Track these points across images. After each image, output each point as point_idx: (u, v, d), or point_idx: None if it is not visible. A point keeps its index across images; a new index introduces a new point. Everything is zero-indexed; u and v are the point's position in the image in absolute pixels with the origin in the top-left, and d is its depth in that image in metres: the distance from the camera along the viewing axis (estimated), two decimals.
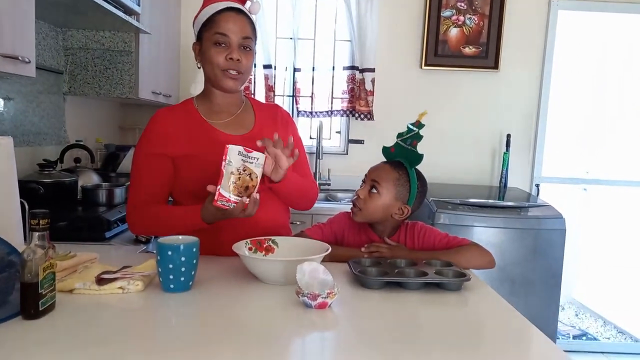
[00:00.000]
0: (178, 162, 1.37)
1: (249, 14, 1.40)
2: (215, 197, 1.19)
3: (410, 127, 1.41)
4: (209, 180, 1.30)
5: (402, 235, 1.45)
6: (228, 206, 1.20)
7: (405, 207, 1.39)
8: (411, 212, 1.42)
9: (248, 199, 1.21)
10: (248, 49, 1.37)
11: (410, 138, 1.40)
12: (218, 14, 1.35)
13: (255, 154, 1.22)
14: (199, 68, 1.42)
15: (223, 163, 1.19)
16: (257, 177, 1.23)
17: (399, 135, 1.43)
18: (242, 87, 1.46)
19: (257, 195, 1.23)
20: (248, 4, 1.42)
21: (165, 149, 1.37)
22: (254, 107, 1.51)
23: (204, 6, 1.39)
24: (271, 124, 1.49)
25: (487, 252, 1.39)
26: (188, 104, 1.45)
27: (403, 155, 1.42)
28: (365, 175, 1.44)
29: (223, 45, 1.34)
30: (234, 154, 1.19)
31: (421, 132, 1.40)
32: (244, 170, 1.21)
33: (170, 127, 1.39)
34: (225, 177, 1.19)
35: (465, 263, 1.33)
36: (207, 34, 1.36)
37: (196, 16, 1.41)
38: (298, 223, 2.46)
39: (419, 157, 1.39)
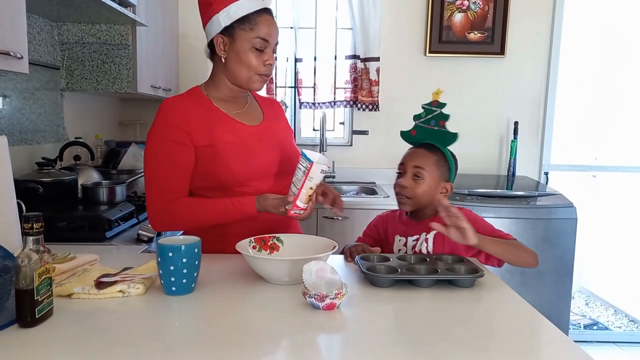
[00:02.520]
0: (201, 151, 1.33)
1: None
2: (290, 208, 1.25)
3: (427, 108, 1.40)
4: (234, 170, 1.33)
5: (441, 216, 1.41)
6: (299, 214, 1.27)
7: (448, 185, 1.41)
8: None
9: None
10: (276, 52, 1.41)
11: (434, 119, 1.39)
12: (257, 14, 1.33)
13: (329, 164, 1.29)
14: (223, 61, 1.37)
15: (304, 178, 1.23)
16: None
17: (417, 117, 1.42)
18: None
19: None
20: None
21: (189, 137, 1.32)
22: (257, 99, 1.53)
23: None
24: (277, 118, 1.53)
25: (533, 251, 1.37)
26: (197, 92, 1.41)
27: (431, 137, 1.40)
28: (401, 163, 1.42)
29: (261, 49, 1.34)
30: (317, 172, 1.23)
31: (447, 115, 1.39)
32: (320, 184, 1.27)
33: (189, 114, 1.34)
34: (304, 191, 1.24)
35: (518, 258, 1.32)
36: (244, 34, 1.32)
37: (221, 8, 1.32)
38: None
39: (454, 136, 1.38)
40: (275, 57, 1.43)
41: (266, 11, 1.35)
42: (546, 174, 3.16)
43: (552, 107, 3.12)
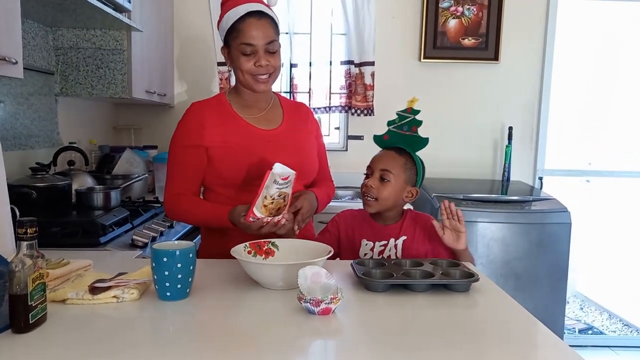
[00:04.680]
0: (212, 152, 1.43)
1: (268, 11, 1.43)
2: (248, 214, 1.27)
3: (401, 114, 1.43)
4: (240, 171, 1.42)
5: (407, 222, 1.45)
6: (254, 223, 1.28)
7: (413, 189, 1.43)
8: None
9: (280, 217, 1.30)
10: (274, 50, 1.43)
11: (407, 124, 1.42)
12: (241, 20, 1.39)
13: (289, 175, 1.27)
14: (228, 71, 1.52)
15: (261, 185, 1.25)
16: (288, 196, 1.30)
17: (390, 123, 1.45)
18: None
19: (284, 220, 1.31)
20: None
21: (201, 140, 1.43)
22: (281, 103, 1.59)
23: (225, 11, 1.43)
24: (301, 122, 1.57)
25: None
26: (221, 98, 1.53)
27: (402, 142, 1.43)
28: (369, 165, 1.45)
29: (250, 53, 1.40)
30: (271, 181, 1.25)
31: (419, 121, 1.42)
32: (279, 196, 1.28)
33: (206, 119, 1.45)
34: (260, 199, 1.25)
35: None
36: (233, 42, 1.42)
37: (219, 21, 1.45)
38: None
39: (424, 141, 1.41)
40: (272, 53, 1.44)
41: (251, 15, 1.39)
42: (540, 178, 3.17)
43: (546, 112, 3.14)
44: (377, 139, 1.48)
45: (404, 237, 1.43)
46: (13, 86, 2.01)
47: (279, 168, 1.25)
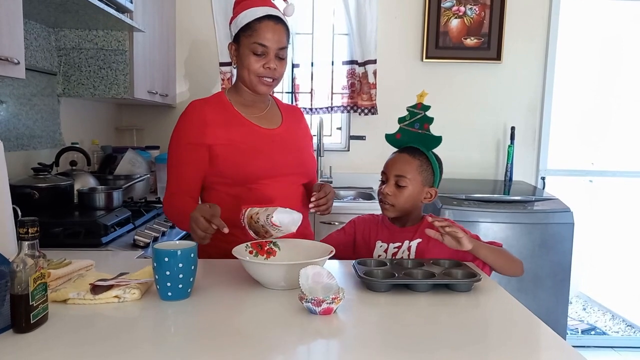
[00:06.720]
0: (215, 150, 1.42)
1: (284, 19, 1.46)
2: (242, 209, 1.28)
3: (412, 110, 1.38)
4: (245, 169, 1.42)
5: (424, 226, 1.39)
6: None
7: (432, 190, 1.40)
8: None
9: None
10: (283, 57, 1.45)
11: (418, 121, 1.38)
12: (258, 21, 1.41)
13: (287, 226, 1.23)
14: (234, 67, 1.51)
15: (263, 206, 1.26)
16: (273, 237, 1.27)
17: (402, 120, 1.41)
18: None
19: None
20: (282, 5, 1.49)
21: (203, 138, 1.42)
22: (278, 105, 1.61)
23: (241, 9, 1.44)
24: (297, 124, 1.61)
25: (520, 260, 1.36)
26: (220, 97, 1.52)
27: (415, 140, 1.40)
28: (384, 171, 1.42)
29: (261, 54, 1.41)
30: (263, 216, 1.22)
31: (431, 118, 1.38)
32: (262, 227, 1.24)
33: (208, 116, 1.44)
34: (255, 209, 1.26)
35: (507, 266, 1.31)
36: (245, 40, 1.42)
37: (233, 17, 1.46)
38: None
39: (438, 140, 1.38)
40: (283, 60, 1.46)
41: (269, 18, 1.41)
42: (543, 178, 3.16)
43: (548, 112, 3.13)
44: (390, 138, 1.44)
45: (418, 240, 1.39)
46: (16, 87, 2.02)
47: (286, 219, 1.22)
